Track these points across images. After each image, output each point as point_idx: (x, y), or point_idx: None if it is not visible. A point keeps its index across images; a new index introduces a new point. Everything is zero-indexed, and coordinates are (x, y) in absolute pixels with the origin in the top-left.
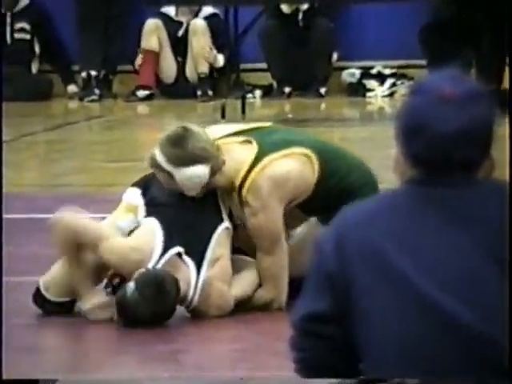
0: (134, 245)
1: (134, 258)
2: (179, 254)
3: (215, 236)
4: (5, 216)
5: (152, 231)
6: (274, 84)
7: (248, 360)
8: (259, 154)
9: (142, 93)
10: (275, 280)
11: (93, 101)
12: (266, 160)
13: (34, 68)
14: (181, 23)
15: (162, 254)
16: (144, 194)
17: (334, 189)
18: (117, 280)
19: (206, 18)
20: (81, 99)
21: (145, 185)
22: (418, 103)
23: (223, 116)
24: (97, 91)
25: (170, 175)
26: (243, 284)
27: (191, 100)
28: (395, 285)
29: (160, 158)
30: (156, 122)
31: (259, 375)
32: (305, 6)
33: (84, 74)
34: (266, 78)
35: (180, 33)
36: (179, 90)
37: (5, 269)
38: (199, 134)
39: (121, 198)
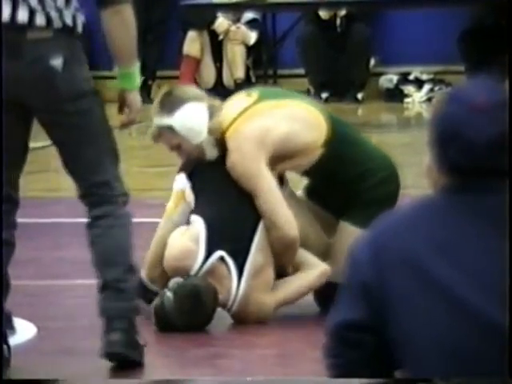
0: (179, 252)
1: (178, 265)
2: (222, 258)
3: (257, 236)
4: (48, 220)
5: (196, 234)
6: (311, 89)
7: (285, 365)
8: (254, 103)
9: None
10: (273, 217)
11: None
12: (256, 107)
13: None
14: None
15: (207, 257)
16: (190, 177)
17: (348, 164)
18: None
19: (247, 24)
20: None
21: (191, 169)
22: (450, 112)
23: None
24: None
25: (171, 130)
26: (288, 289)
27: None
28: (437, 292)
29: (157, 120)
30: None
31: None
32: (343, 12)
33: None
34: (304, 84)
35: (219, 38)
36: (217, 95)
37: (52, 273)
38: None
39: (160, 203)
